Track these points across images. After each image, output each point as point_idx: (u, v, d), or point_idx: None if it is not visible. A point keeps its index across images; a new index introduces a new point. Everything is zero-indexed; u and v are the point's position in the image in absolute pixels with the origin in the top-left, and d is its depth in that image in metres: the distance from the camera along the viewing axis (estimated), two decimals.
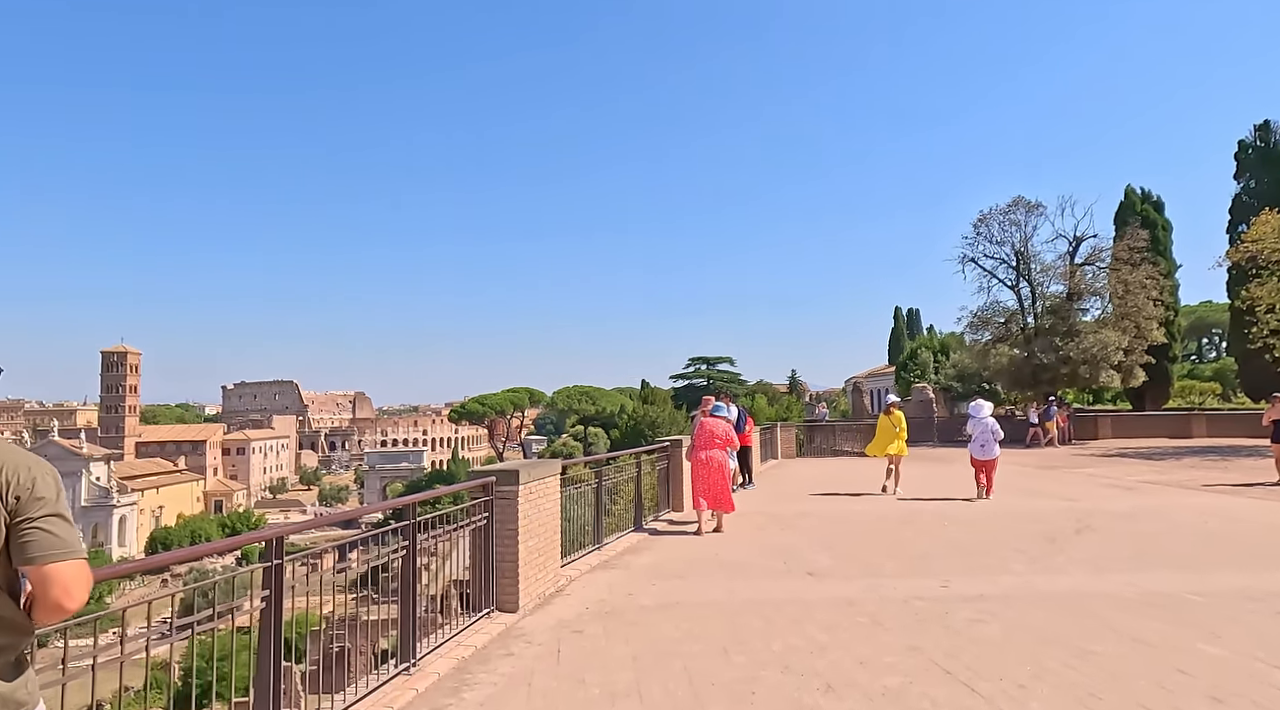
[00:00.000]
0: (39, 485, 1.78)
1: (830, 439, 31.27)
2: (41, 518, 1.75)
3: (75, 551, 1.77)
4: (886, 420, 14.76)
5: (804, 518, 11.57)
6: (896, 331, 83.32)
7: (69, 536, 1.77)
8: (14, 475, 1.76)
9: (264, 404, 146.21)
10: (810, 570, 7.84)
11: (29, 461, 1.82)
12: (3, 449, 1.82)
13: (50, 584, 1.72)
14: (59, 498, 1.81)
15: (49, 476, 1.82)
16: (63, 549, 1.74)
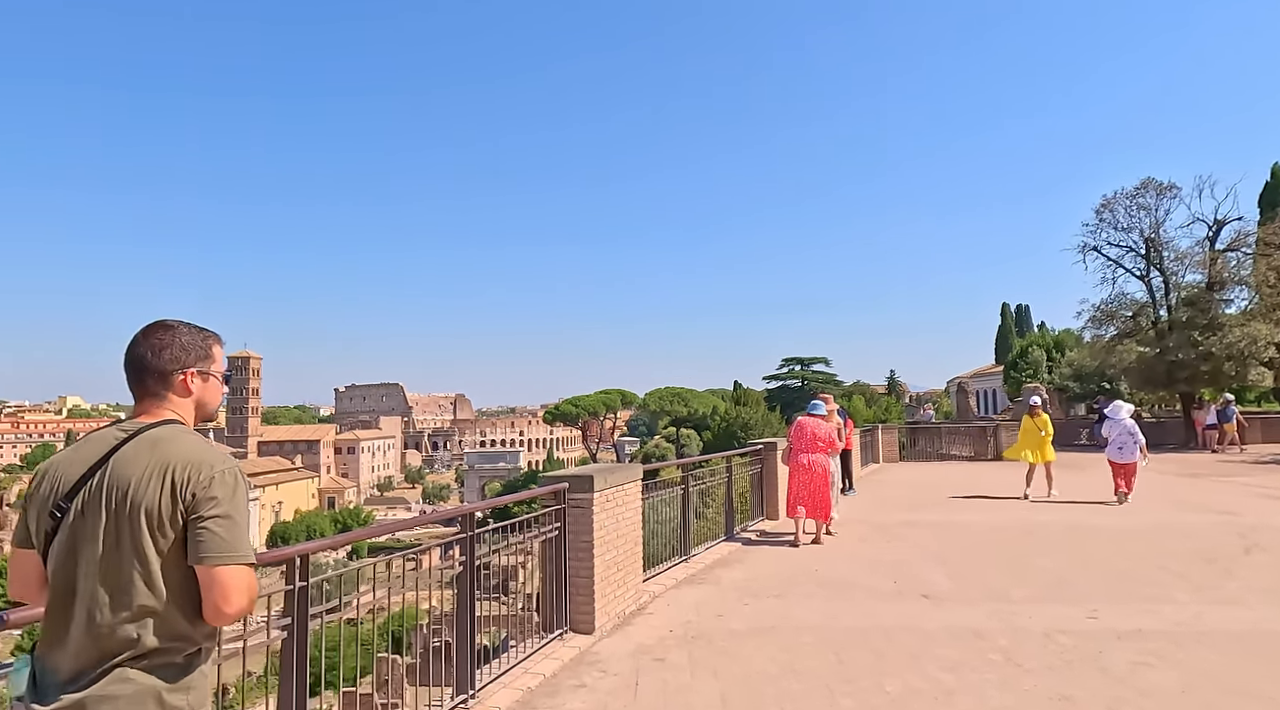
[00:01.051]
0: (214, 484, 1.75)
1: (935, 442, 29.37)
2: (211, 518, 1.73)
3: (238, 556, 1.74)
4: (1031, 422, 13.64)
5: (912, 528, 10.52)
6: (1004, 329, 78.66)
7: (234, 539, 1.74)
8: (194, 472, 1.74)
9: (372, 405, 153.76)
10: (925, 591, 6.92)
11: (211, 458, 1.78)
12: (188, 444, 1.80)
13: (211, 587, 1.72)
14: (233, 498, 1.77)
15: (227, 475, 1.77)
16: (225, 552, 1.72)
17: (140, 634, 1.70)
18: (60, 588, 1.74)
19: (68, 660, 1.70)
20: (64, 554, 1.75)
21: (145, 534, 1.71)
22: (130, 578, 1.70)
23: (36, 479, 1.85)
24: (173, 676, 1.74)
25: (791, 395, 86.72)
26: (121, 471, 1.75)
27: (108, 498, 1.73)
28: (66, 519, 1.76)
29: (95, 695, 1.66)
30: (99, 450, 1.80)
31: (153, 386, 1.90)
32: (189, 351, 1.95)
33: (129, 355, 1.92)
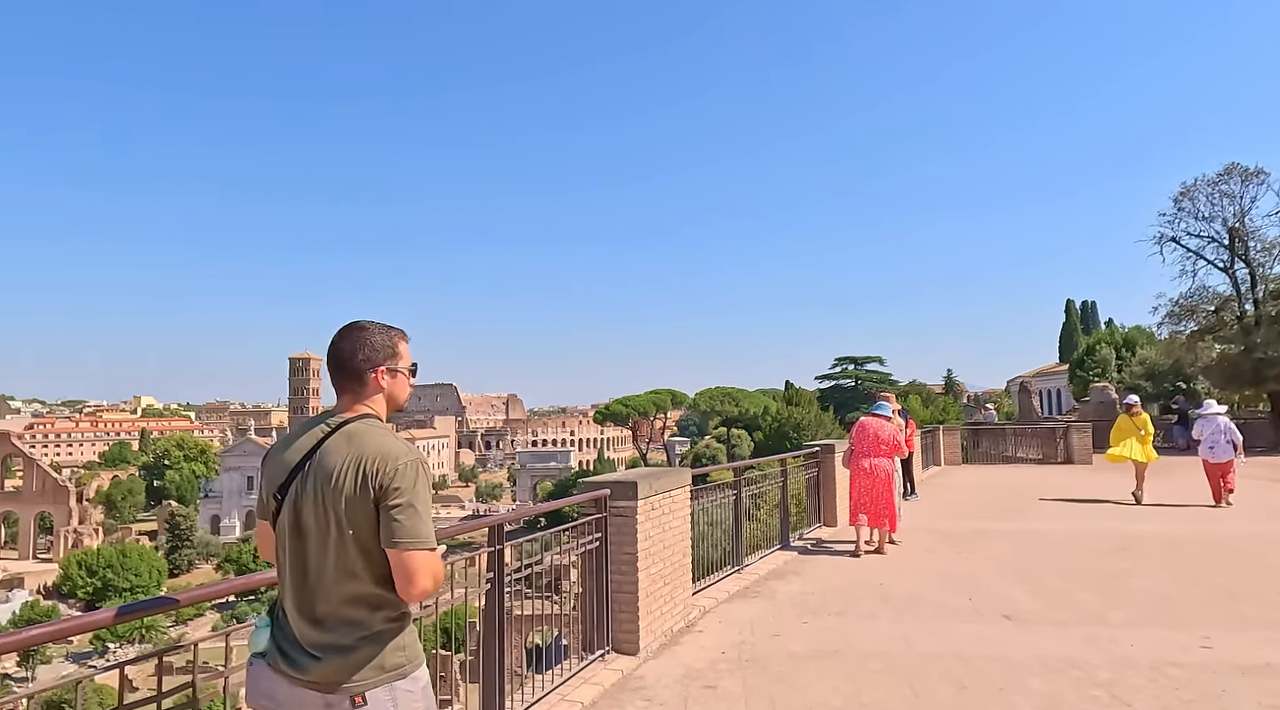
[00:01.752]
0: (398, 475, 1.91)
1: (1000, 444, 28.00)
2: (396, 507, 1.90)
3: (421, 541, 1.91)
4: (1130, 422, 12.68)
5: (983, 537, 9.75)
6: (1069, 326, 75.37)
7: (417, 526, 1.91)
8: (382, 463, 1.92)
9: (426, 405, 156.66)
10: (1006, 611, 6.23)
11: (396, 451, 1.95)
12: (377, 438, 1.98)
13: (398, 569, 1.91)
14: (414, 487, 1.92)
15: (410, 468, 1.93)
16: (409, 538, 1.90)
17: (355, 603, 1.94)
18: (285, 561, 2.02)
19: (300, 626, 1.97)
20: (286, 532, 2.01)
21: (345, 518, 1.92)
22: (340, 554, 1.94)
23: (264, 465, 2.12)
24: (386, 638, 1.97)
25: (845, 395, 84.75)
26: (324, 462, 1.97)
27: (315, 485, 1.96)
28: (286, 502, 2.01)
29: (327, 652, 1.92)
30: (310, 442, 2.03)
31: (350, 384, 2.10)
32: (379, 351, 2.12)
33: (330, 355, 2.13)
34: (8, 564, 74.56)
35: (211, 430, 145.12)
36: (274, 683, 1.98)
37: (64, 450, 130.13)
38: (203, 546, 77.67)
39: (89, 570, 63.03)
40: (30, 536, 79.30)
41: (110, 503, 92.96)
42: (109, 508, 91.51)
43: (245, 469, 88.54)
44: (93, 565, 63.34)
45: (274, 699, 1.99)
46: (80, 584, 62.75)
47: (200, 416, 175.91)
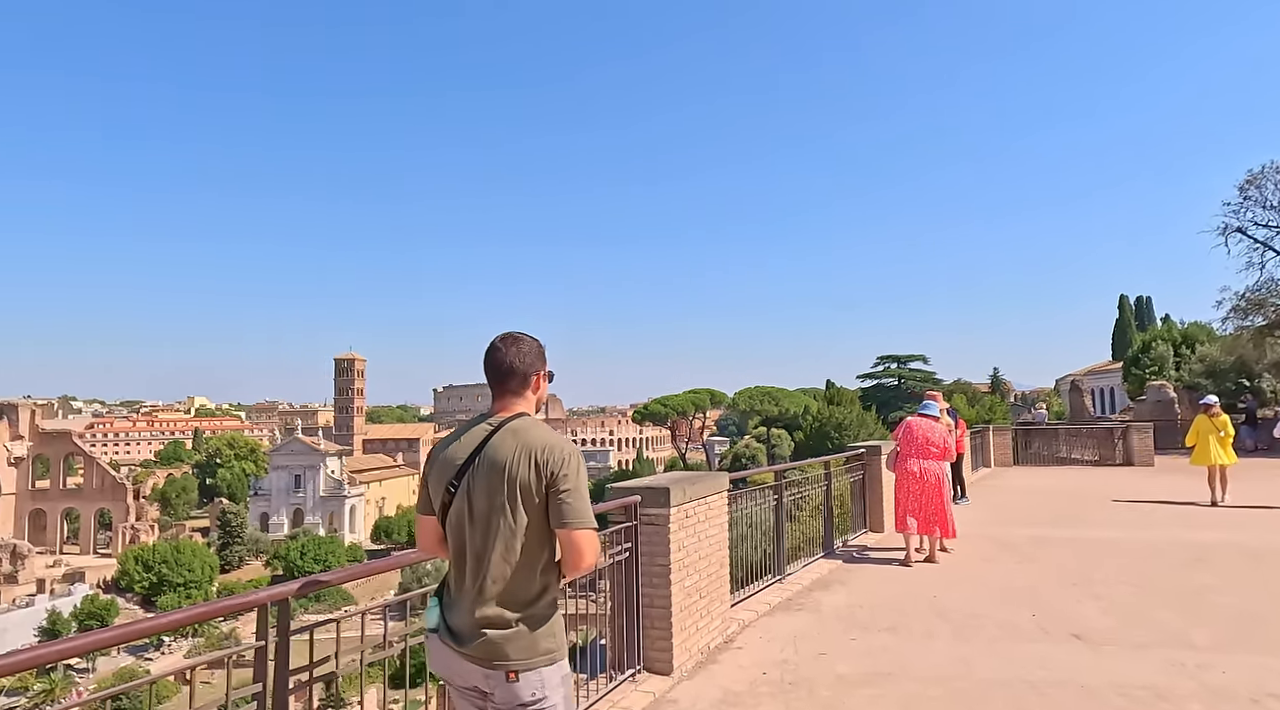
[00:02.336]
0: (565, 464, 2.20)
1: (1052, 445, 26.84)
2: (565, 492, 2.18)
3: (586, 522, 2.20)
4: (1209, 422, 11.98)
5: (1043, 546, 9.13)
6: (1122, 323, 72.41)
7: (582, 508, 2.21)
8: (551, 453, 2.20)
9: (469, 405, 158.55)
10: (1075, 629, 5.69)
11: (561, 443, 2.25)
12: (542, 432, 2.27)
13: (568, 546, 2.20)
14: (577, 475, 2.22)
15: (572, 458, 2.23)
16: (578, 518, 2.18)
17: (519, 586, 2.18)
18: (457, 547, 2.26)
19: (467, 605, 2.21)
20: (458, 521, 2.25)
21: (519, 504, 2.17)
22: (509, 540, 2.18)
23: (431, 461, 2.36)
24: (541, 622, 2.21)
25: (887, 394, 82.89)
26: (494, 455, 2.22)
27: (487, 477, 2.21)
28: (458, 493, 2.25)
29: (491, 630, 2.15)
30: (477, 439, 2.28)
31: (514, 387, 2.36)
32: (538, 358, 2.41)
33: (495, 360, 2.37)
34: (70, 559, 77.42)
35: (261, 429, 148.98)
36: (447, 655, 2.26)
37: (122, 449, 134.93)
38: (252, 543, 79.50)
39: (145, 565, 65.06)
40: (90, 532, 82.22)
41: (165, 500, 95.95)
42: (164, 505, 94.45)
43: (292, 467, 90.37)
44: (149, 561, 65.36)
45: (448, 669, 2.28)
46: (137, 579, 64.82)
47: (250, 416, 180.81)
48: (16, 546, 69.98)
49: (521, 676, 2.14)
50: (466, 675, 2.22)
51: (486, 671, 2.17)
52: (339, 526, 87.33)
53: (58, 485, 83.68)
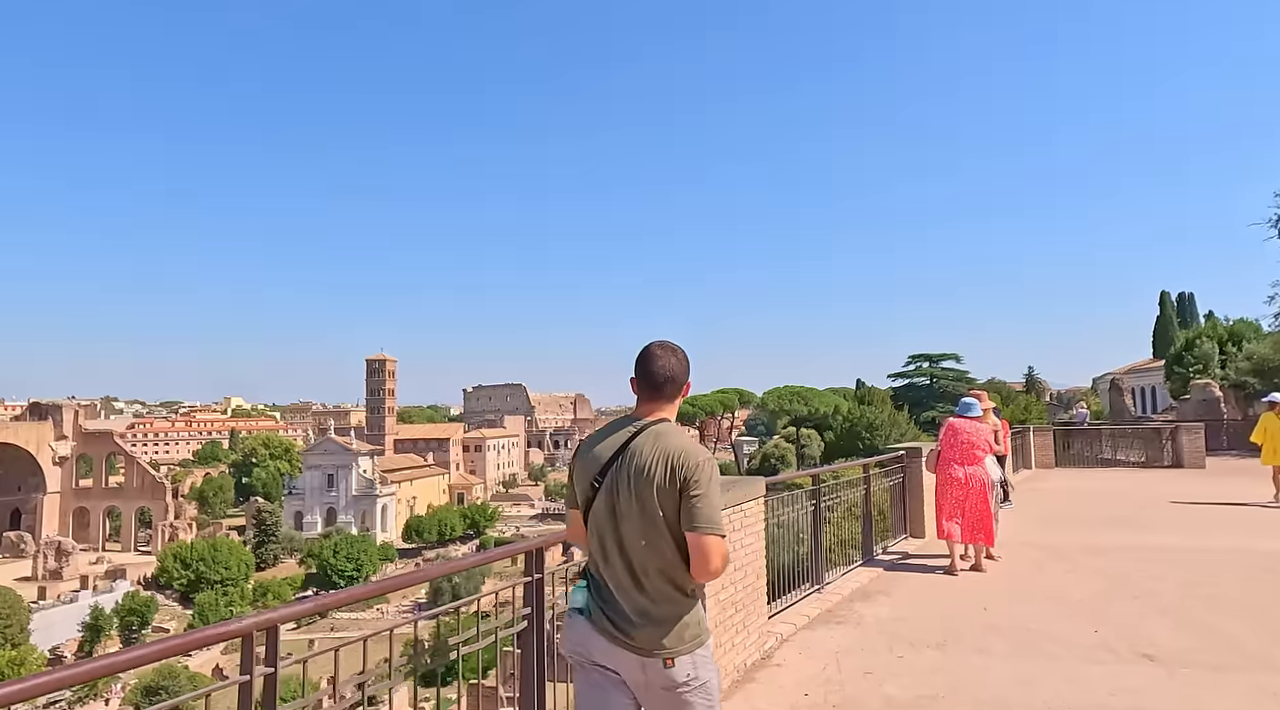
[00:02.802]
0: (699, 469, 2.34)
1: (1095, 446, 25.90)
2: (696, 497, 2.32)
3: (715, 527, 2.31)
4: (1277, 420, 11.45)
5: (1097, 554, 8.60)
6: (1163, 320, 70.07)
7: (712, 513, 2.32)
8: (687, 459, 2.35)
9: (497, 405, 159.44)
10: (1145, 649, 5.24)
11: (696, 450, 2.42)
12: (681, 438, 2.41)
13: (696, 550, 2.31)
14: (710, 482, 2.35)
15: (707, 464, 2.36)
16: (706, 523, 2.30)
17: (664, 578, 2.37)
18: (600, 540, 2.45)
19: (617, 595, 2.41)
20: (601, 515, 2.44)
21: (655, 503, 2.35)
22: (648, 535, 2.37)
23: (577, 457, 2.53)
24: (687, 610, 2.40)
25: (919, 394, 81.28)
26: (635, 456, 2.39)
27: (629, 475, 2.39)
28: (601, 489, 2.44)
29: (642, 619, 2.36)
30: (620, 439, 2.45)
31: (668, 393, 2.51)
32: (687, 369, 2.56)
33: (653, 366, 2.50)
34: (112, 556, 79.32)
35: (295, 429, 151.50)
36: (590, 636, 2.44)
37: (161, 449, 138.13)
38: (287, 541, 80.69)
39: (184, 563, 66.37)
40: (131, 530, 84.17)
41: (203, 499, 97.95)
42: (202, 504, 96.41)
43: (325, 467, 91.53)
44: (187, 558, 66.67)
45: (586, 648, 2.45)
46: (176, 576, 66.15)
47: (285, 416, 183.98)
48: (61, 543, 71.87)
49: (676, 661, 2.36)
50: (610, 657, 2.42)
51: (644, 660, 2.37)
52: (371, 525, 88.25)
53: (100, 484, 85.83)
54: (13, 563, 72.68)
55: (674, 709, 2.41)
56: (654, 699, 2.42)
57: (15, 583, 61.79)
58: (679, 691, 2.38)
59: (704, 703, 2.42)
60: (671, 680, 2.36)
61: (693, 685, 2.39)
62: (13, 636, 50.58)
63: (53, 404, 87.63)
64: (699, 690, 2.40)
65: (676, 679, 2.37)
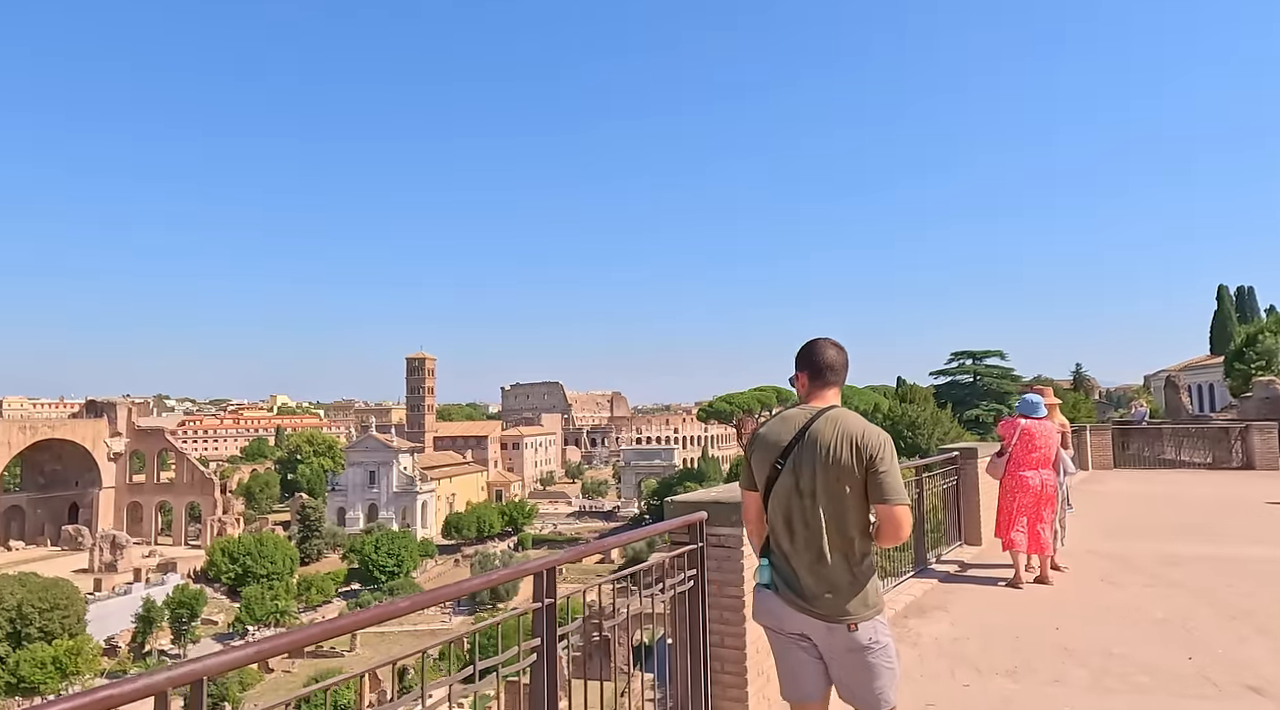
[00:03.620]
0: (883, 448, 2.65)
1: (1154, 446, 24.59)
2: (884, 472, 2.63)
3: (902, 498, 2.63)
4: None
5: (1174, 565, 7.86)
6: (1221, 315, 66.92)
7: (897, 486, 2.63)
8: (870, 439, 2.66)
9: (535, 403, 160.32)
10: (1250, 679, 4.59)
11: (876, 430, 2.72)
12: (858, 421, 2.73)
13: (887, 519, 2.64)
14: (891, 458, 2.66)
15: (886, 444, 2.68)
16: (894, 494, 2.62)
17: (845, 548, 2.69)
18: (785, 517, 2.77)
19: (803, 567, 2.72)
20: (785, 494, 2.77)
21: (842, 482, 2.66)
22: (833, 511, 2.67)
23: (754, 444, 2.90)
24: (867, 580, 2.72)
25: (962, 392, 79.04)
26: (817, 439, 2.72)
27: (812, 456, 2.70)
28: (784, 470, 2.77)
29: (827, 588, 2.67)
30: (796, 424, 2.79)
31: (832, 381, 2.88)
32: (848, 358, 2.93)
33: (826, 357, 2.89)
34: (163, 549, 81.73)
35: (338, 427, 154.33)
36: (779, 607, 2.73)
37: (210, 445, 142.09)
38: (330, 537, 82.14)
39: (231, 557, 67.93)
40: (181, 525, 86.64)
41: (249, 494, 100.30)
42: (248, 499, 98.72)
43: (367, 464, 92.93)
44: (234, 553, 68.23)
45: (778, 618, 2.74)
46: (224, 569, 67.73)
47: (328, 414, 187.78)
48: (116, 537, 74.23)
49: (860, 626, 2.64)
50: (799, 624, 2.71)
51: (830, 626, 2.64)
52: (411, 521, 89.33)
53: (152, 479, 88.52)
54: (71, 555, 75.34)
55: (859, 669, 2.67)
56: (840, 661, 2.69)
57: (73, 575, 63.95)
58: (863, 654, 2.65)
59: (885, 664, 2.68)
60: (856, 643, 2.64)
61: (874, 648, 2.66)
62: (70, 627, 52.24)
63: (108, 402, 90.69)
64: (881, 652, 2.67)
65: (861, 641, 2.65)
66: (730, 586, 3.92)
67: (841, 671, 2.71)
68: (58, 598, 52.87)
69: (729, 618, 3.91)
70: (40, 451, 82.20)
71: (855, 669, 2.66)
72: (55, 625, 51.19)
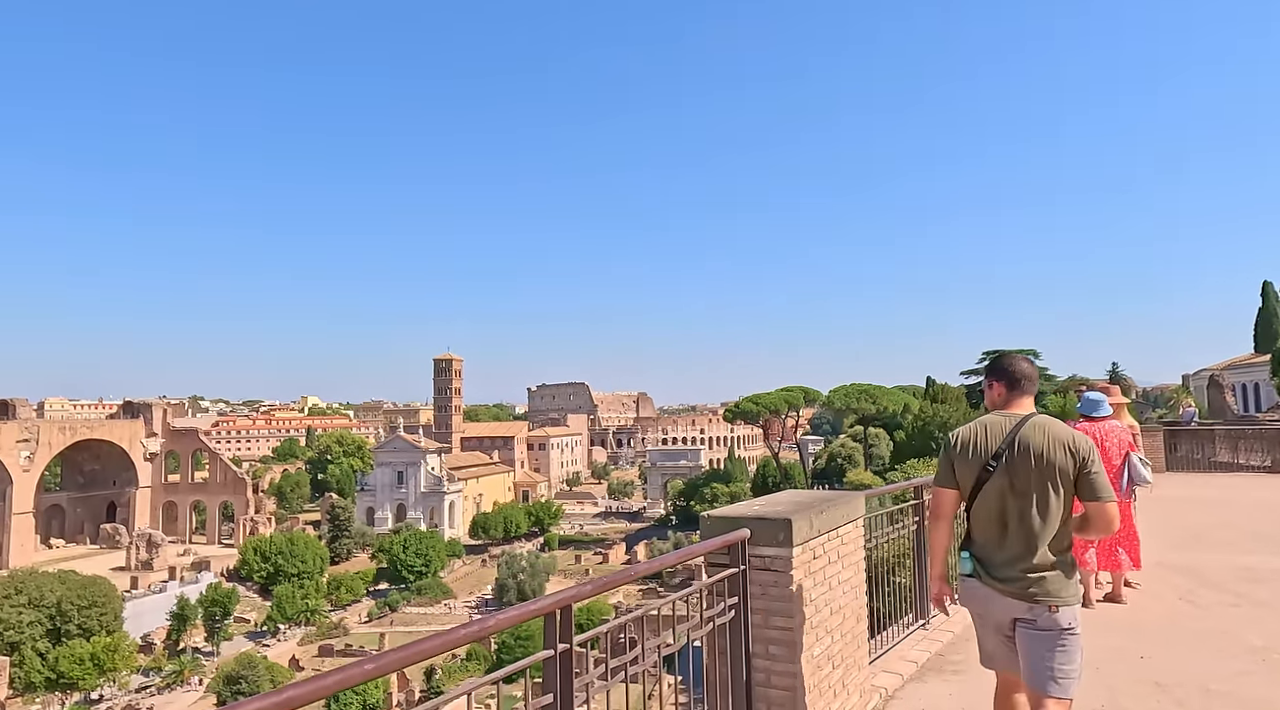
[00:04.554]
0: (1091, 452, 3.02)
1: (1205, 447, 23.39)
2: (1094, 473, 3.00)
3: (1111, 496, 3.02)
4: None
5: (1259, 582, 7.11)
6: (1267, 311, 64.31)
7: (1106, 485, 3.01)
8: (1080, 444, 3.02)
9: (561, 404, 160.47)
10: None
11: (1083, 436, 3.08)
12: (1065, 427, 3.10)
13: (1099, 515, 3.02)
14: (1097, 459, 3.03)
15: (1092, 447, 3.05)
16: (1106, 493, 3.00)
17: (1054, 541, 3.00)
18: (996, 513, 3.10)
19: (1006, 555, 3.06)
20: (997, 493, 3.09)
21: (1055, 481, 3.00)
22: (1046, 508, 3.00)
23: (958, 447, 3.24)
24: (1070, 570, 3.04)
25: None
26: (1029, 443, 3.06)
27: (1025, 458, 3.04)
28: (996, 471, 3.09)
29: (1035, 575, 2.98)
30: (1004, 429, 3.14)
31: (1029, 391, 3.27)
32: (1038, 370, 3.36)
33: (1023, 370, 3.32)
34: (197, 548, 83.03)
35: (367, 427, 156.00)
36: (983, 593, 3.13)
37: (243, 445, 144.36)
38: (359, 536, 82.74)
39: (263, 556, 68.69)
40: (215, 524, 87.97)
41: (281, 494, 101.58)
42: (280, 499, 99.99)
43: (396, 464, 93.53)
44: (266, 552, 68.97)
45: (983, 602, 3.15)
46: (256, 568, 68.50)
47: (358, 415, 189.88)
48: (152, 536, 75.56)
49: (1061, 610, 2.96)
50: (1005, 609, 3.04)
51: (1032, 607, 2.97)
52: (439, 521, 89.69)
53: (187, 479, 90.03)
54: (109, 553, 76.85)
55: (1051, 649, 2.93)
56: (1035, 640, 2.96)
57: (110, 572, 65.14)
58: (1060, 635, 2.93)
59: (1075, 650, 2.97)
60: (1056, 624, 2.93)
61: (1070, 632, 2.96)
62: (108, 624, 53.09)
63: (144, 403, 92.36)
64: (1074, 638, 2.96)
65: (1061, 622, 2.93)
66: (777, 617, 3.37)
67: (1033, 651, 2.97)
68: (96, 595, 53.80)
69: (775, 653, 3.36)
70: (79, 451, 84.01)
71: (1048, 648, 2.93)
72: (93, 622, 52.06)
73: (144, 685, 53.16)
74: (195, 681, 52.97)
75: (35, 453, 77.35)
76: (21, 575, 54.61)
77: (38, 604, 51.00)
